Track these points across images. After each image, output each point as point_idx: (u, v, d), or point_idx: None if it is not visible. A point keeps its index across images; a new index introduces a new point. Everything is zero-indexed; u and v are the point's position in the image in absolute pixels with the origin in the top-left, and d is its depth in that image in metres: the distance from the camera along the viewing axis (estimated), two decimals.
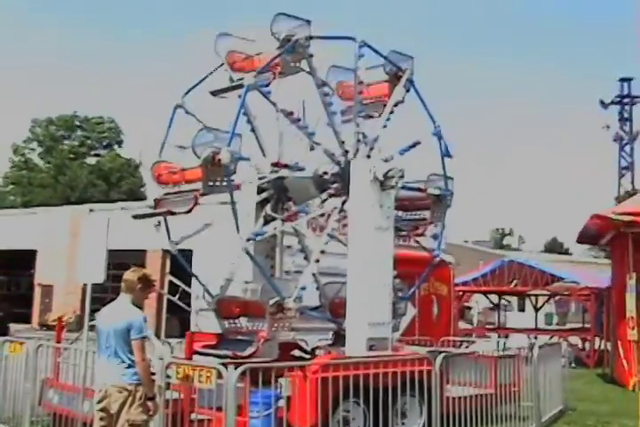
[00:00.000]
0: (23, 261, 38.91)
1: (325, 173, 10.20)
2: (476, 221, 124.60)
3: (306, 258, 10.81)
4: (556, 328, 27.83)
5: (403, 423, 9.63)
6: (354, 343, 9.67)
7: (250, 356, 9.36)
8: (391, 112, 10.71)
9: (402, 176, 9.84)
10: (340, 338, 10.38)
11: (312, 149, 10.52)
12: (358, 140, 10.19)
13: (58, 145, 67.86)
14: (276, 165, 10.39)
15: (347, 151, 10.19)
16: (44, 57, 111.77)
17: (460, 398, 10.07)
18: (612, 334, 17.49)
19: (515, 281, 23.84)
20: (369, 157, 10.16)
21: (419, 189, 11.15)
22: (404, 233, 11.49)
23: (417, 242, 11.60)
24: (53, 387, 9.62)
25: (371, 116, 10.86)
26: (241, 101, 9.32)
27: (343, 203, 10.22)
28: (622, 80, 36.52)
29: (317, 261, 10.04)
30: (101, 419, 6.50)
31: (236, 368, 7.22)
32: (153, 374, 6.92)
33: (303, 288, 9.70)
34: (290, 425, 8.36)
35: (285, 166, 10.35)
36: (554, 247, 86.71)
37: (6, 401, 9.87)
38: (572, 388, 15.99)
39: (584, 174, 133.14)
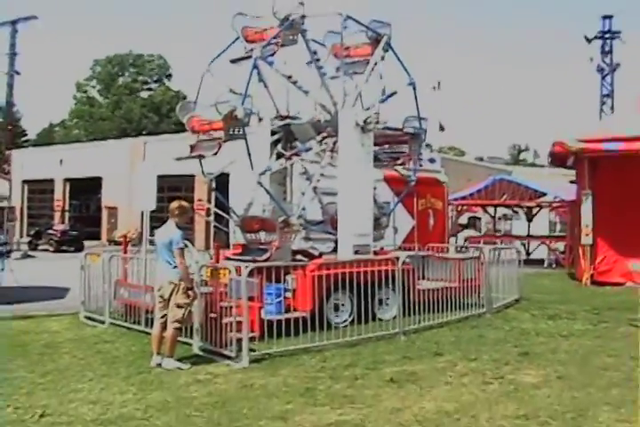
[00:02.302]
0: (91, 187, 41.27)
1: (319, 120, 12.01)
2: (497, 137, 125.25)
3: None
4: (547, 235, 29.38)
5: (383, 309, 11.44)
6: (343, 249, 11.57)
7: (265, 260, 11.20)
8: (372, 69, 12.36)
9: (377, 122, 11.60)
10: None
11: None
12: (345, 94, 11.93)
13: (114, 82, 69.41)
14: (280, 116, 12.20)
15: (335, 103, 11.94)
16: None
17: (429, 290, 11.58)
18: (576, 240, 19.08)
19: (504, 196, 25.37)
20: (353, 106, 11.94)
21: (397, 129, 12.90)
22: (385, 163, 13.19)
23: (396, 170, 13.36)
24: (123, 286, 11.35)
25: (356, 73, 12.53)
26: (250, 69, 10.86)
27: (334, 142, 12.03)
28: (604, 17, 37.69)
29: (315, 187, 11.98)
30: (160, 302, 8.67)
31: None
32: (192, 273, 9.05)
33: (304, 208, 11.67)
34: (295, 309, 10.35)
35: (287, 117, 12.16)
36: None
37: (91, 298, 11.68)
38: (538, 283, 17.91)
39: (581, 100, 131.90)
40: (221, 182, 15.00)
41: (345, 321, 10.85)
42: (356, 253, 11.50)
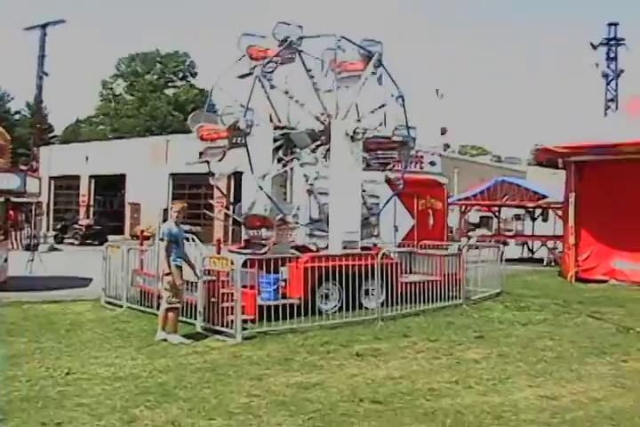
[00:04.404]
0: (115, 183, 43.07)
1: (314, 129, 13.58)
2: (520, 137, 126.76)
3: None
4: (550, 235, 30.48)
5: (369, 299, 12.77)
6: (334, 244, 13.13)
7: (264, 253, 12.79)
8: (364, 83, 13.87)
9: (364, 132, 13.16)
10: None
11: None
12: (337, 106, 13.47)
13: (139, 79, 71.39)
14: (278, 127, 13.78)
15: (329, 115, 13.50)
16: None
17: (411, 283, 13.11)
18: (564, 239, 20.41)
19: (506, 196, 26.70)
20: (345, 117, 13.49)
21: (386, 137, 14.40)
22: (374, 168, 14.69)
23: (385, 174, 14.88)
24: (139, 274, 13.08)
25: (349, 87, 14.05)
26: (252, 86, 12.48)
27: (327, 150, 13.60)
28: (610, 24, 39.11)
29: (309, 189, 13.54)
30: None
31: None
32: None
33: (298, 208, 13.26)
34: (288, 297, 11.89)
35: (285, 127, 13.73)
36: None
37: (111, 285, 13.27)
38: (528, 279, 19.40)
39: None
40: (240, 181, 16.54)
41: (333, 308, 12.31)
42: (345, 248, 13.01)
